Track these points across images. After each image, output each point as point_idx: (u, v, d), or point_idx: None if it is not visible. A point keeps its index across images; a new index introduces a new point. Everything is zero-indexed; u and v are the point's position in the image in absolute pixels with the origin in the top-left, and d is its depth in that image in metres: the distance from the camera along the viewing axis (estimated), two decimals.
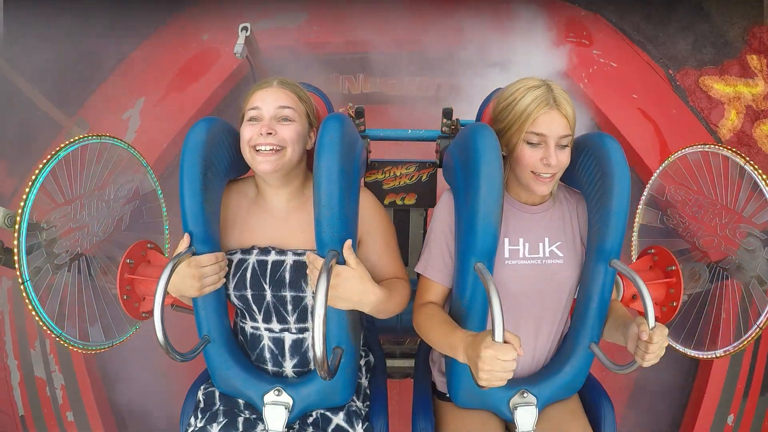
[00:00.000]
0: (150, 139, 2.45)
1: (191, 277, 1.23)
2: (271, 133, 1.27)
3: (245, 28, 2.12)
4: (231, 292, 1.34)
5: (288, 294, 1.32)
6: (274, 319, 1.36)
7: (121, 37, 2.60)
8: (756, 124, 2.45)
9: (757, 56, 2.47)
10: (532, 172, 1.29)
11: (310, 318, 1.34)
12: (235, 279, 1.33)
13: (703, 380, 2.35)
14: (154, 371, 2.50)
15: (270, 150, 1.27)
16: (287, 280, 1.32)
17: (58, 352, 2.35)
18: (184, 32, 2.65)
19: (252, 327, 1.39)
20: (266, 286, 1.33)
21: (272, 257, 1.34)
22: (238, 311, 1.43)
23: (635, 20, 2.54)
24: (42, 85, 2.50)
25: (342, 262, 1.20)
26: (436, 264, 1.37)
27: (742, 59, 2.49)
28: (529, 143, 1.28)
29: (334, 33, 2.60)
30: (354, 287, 1.18)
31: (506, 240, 1.35)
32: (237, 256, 1.35)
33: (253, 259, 1.34)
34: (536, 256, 1.36)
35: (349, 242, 1.20)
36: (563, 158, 1.28)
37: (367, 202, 1.36)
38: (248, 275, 1.33)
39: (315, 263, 1.19)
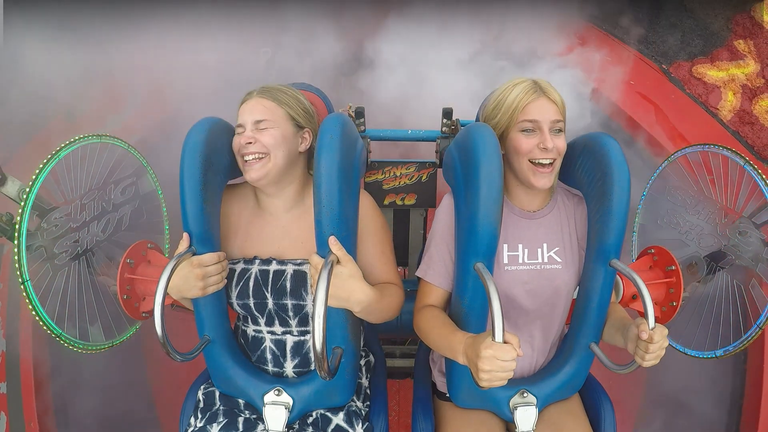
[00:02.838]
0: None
1: (195, 277, 1.23)
2: (251, 142, 1.30)
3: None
4: (234, 300, 1.35)
5: (289, 302, 1.33)
6: (277, 323, 1.36)
7: None
8: (754, 101, 2.54)
9: (743, 40, 2.59)
10: (531, 162, 1.30)
11: (311, 321, 1.34)
12: (238, 288, 1.34)
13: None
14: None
15: (254, 158, 1.30)
16: (288, 289, 1.32)
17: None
18: None
19: (254, 330, 1.39)
20: (268, 295, 1.33)
21: (273, 267, 1.35)
22: (240, 315, 1.43)
23: (625, 25, 2.69)
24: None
25: None
26: (437, 268, 1.37)
27: (730, 46, 2.60)
28: (523, 131, 1.30)
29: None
30: (342, 284, 1.18)
31: (505, 246, 1.36)
32: (240, 266, 1.35)
33: (255, 269, 1.34)
34: (535, 261, 1.36)
35: (333, 238, 1.18)
36: (559, 143, 1.30)
37: (365, 204, 1.36)
38: (251, 284, 1.33)
39: (317, 266, 1.19)
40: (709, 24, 2.62)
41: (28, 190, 1.36)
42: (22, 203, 1.35)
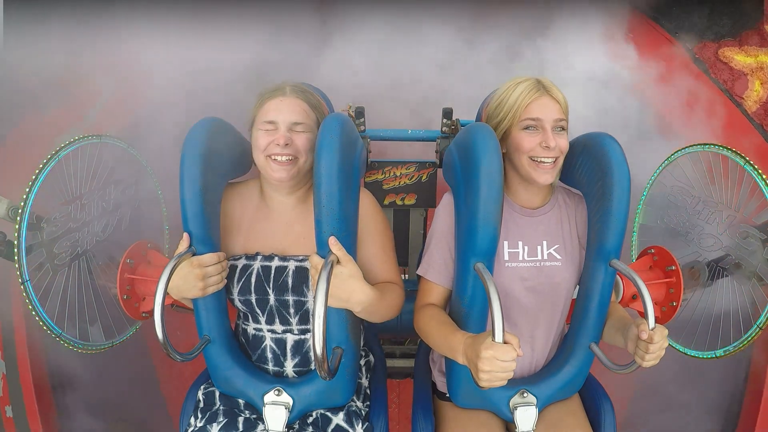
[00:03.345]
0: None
1: (195, 277, 1.23)
2: (288, 144, 1.29)
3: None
4: (235, 296, 1.34)
5: (290, 298, 1.33)
6: (277, 321, 1.36)
7: None
8: None
9: None
10: (532, 158, 1.30)
11: (311, 321, 1.34)
12: (240, 284, 1.34)
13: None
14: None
15: (286, 160, 1.29)
16: (290, 285, 1.32)
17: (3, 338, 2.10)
18: None
19: (254, 329, 1.39)
20: (270, 291, 1.33)
21: (275, 263, 1.35)
22: (241, 313, 1.43)
23: None
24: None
25: None
26: (438, 266, 1.37)
27: (760, 30, 2.44)
28: (525, 129, 1.31)
29: None
30: (342, 284, 1.18)
31: (505, 243, 1.36)
32: (242, 262, 1.36)
33: (257, 264, 1.35)
34: (534, 258, 1.36)
35: (333, 238, 1.19)
36: (561, 142, 1.31)
37: (365, 203, 1.36)
38: (252, 280, 1.33)
39: (318, 266, 1.19)
40: (739, 3, 2.43)
41: (28, 189, 1.36)
42: (23, 203, 1.35)
